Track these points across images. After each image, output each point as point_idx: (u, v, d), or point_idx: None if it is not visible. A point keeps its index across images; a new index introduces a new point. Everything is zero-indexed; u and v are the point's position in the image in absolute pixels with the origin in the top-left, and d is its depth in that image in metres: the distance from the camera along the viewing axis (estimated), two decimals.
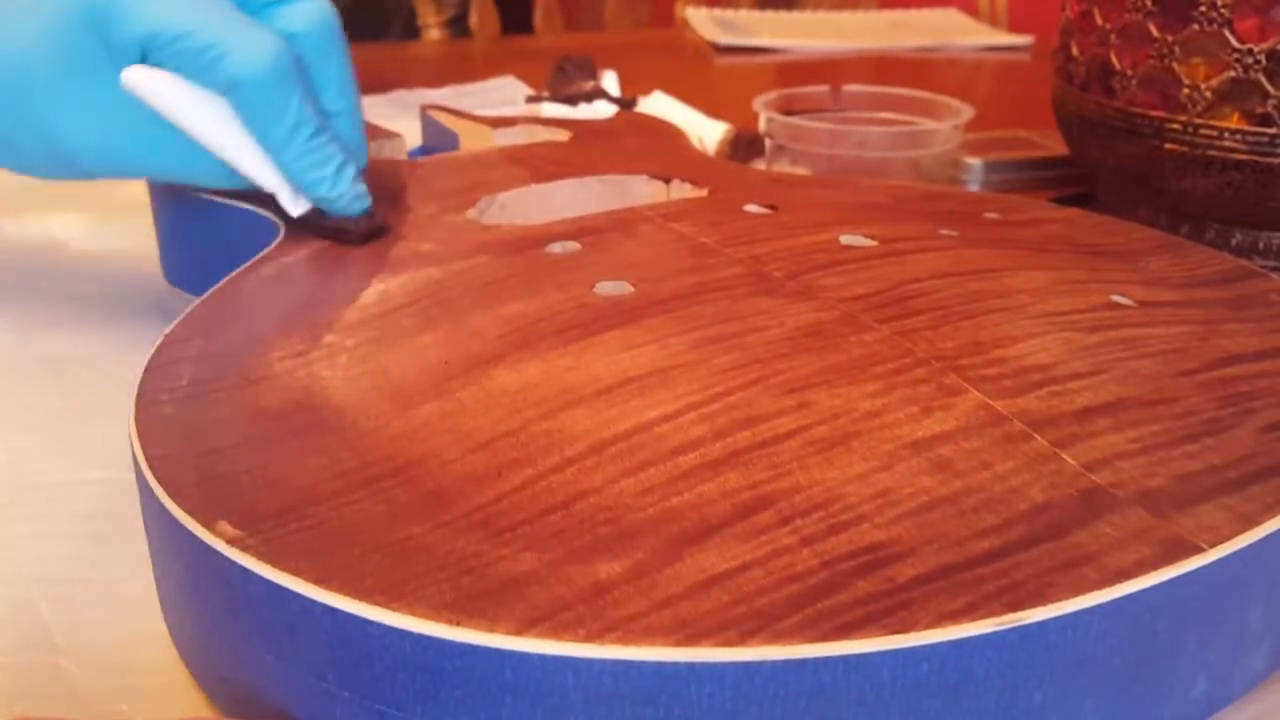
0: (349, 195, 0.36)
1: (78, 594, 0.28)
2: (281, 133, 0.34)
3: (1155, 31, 0.44)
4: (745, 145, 0.63)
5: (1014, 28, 1.18)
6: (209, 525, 0.21)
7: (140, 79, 0.33)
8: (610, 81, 0.80)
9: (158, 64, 0.33)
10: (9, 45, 0.34)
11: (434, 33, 1.28)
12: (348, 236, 0.37)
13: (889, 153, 0.54)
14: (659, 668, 0.18)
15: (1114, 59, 0.46)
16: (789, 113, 0.57)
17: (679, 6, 1.33)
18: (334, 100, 0.36)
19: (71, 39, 0.33)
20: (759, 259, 0.33)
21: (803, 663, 0.18)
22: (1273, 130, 0.42)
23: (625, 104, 0.74)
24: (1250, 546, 0.21)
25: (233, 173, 0.35)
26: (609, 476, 0.23)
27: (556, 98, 0.76)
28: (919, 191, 0.44)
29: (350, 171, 0.36)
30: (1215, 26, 0.42)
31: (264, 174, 0.35)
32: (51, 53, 0.33)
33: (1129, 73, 0.46)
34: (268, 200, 0.38)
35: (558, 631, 0.19)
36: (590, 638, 0.18)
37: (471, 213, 0.40)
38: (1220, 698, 0.22)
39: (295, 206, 0.36)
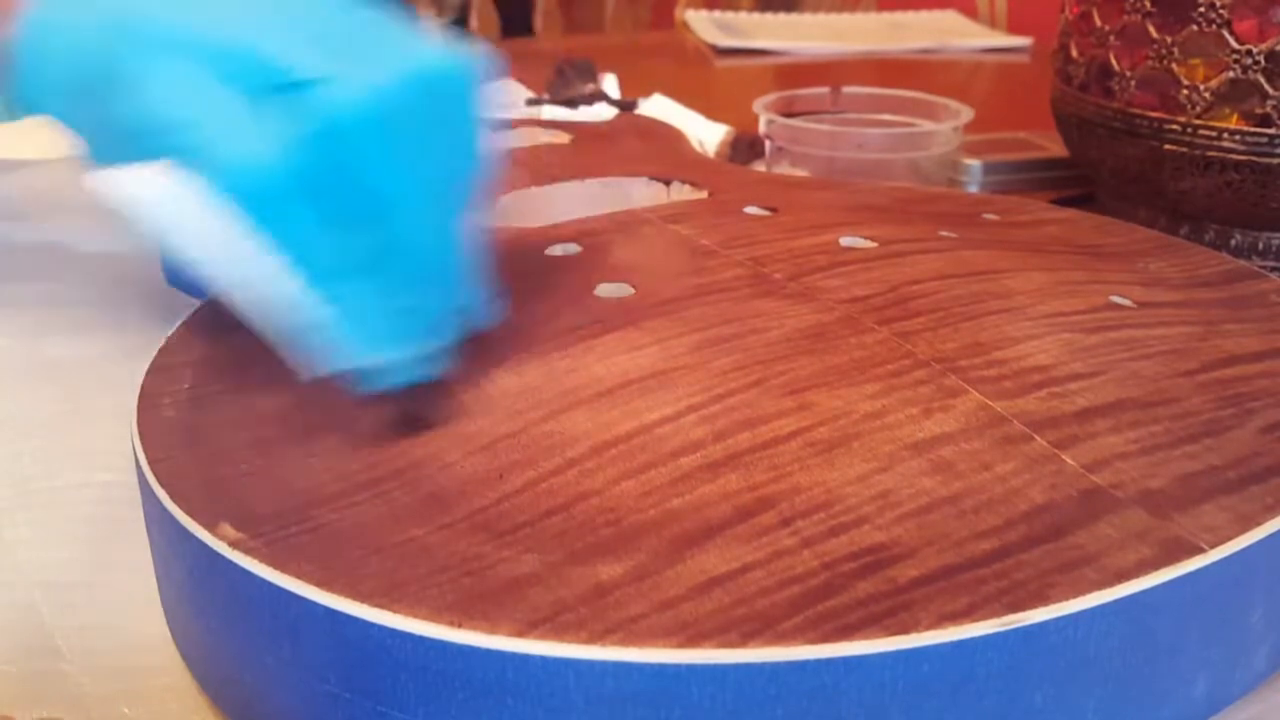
0: (376, 364, 0.25)
1: (80, 597, 0.28)
2: (310, 265, 0.24)
3: (1154, 32, 0.44)
4: (745, 147, 0.63)
5: (1013, 29, 1.18)
6: (211, 528, 0.21)
7: (119, 187, 0.24)
8: (610, 84, 0.80)
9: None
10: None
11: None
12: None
13: (888, 154, 0.54)
14: (660, 669, 0.18)
15: (1113, 60, 0.46)
16: (789, 115, 0.57)
17: (679, 9, 1.33)
18: (399, 218, 0.25)
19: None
20: (759, 261, 0.33)
21: (804, 664, 0.18)
22: (1271, 131, 0.42)
23: (625, 106, 0.74)
24: (1250, 547, 0.21)
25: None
26: (610, 478, 0.23)
27: (556, 100, 0.76)
28: (918, 193, 0.44)
29: (392, 334, 0.25)
30: (1214, 27, 0.42)
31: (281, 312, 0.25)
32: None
33: (1128, 74, 0.46)
34: None
35: (559, 633, 0.19)
36: (592, 639, 0.18)
37: None
38: (1221, 698, 0.22)
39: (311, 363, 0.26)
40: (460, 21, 1.31)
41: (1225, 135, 0.43)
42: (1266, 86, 0.42)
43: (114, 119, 0.25)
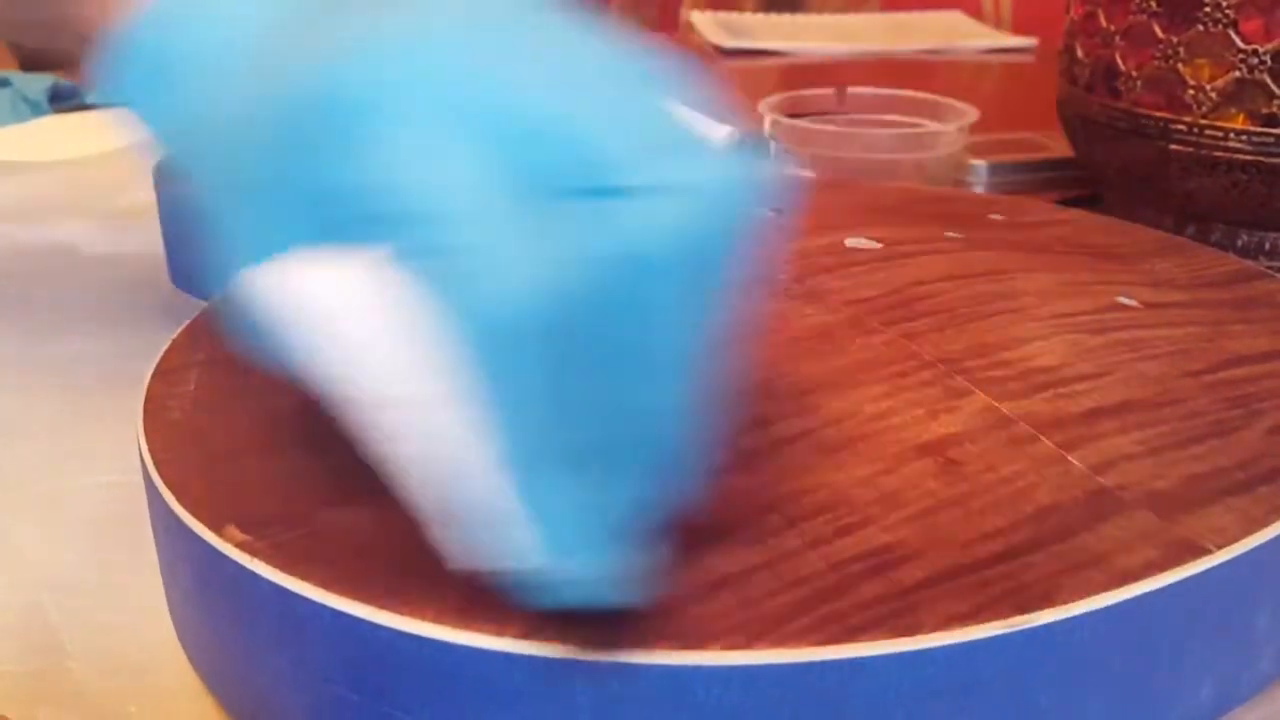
0: (591, 576, 0.18)
1: (86, 598, 0.28)
2: (520, 434, 0.17)
3: (1160, 32, 0.44)
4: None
5: (1018, 30, 1.18)
6: (217, 529, 0.21)
7: (286, 281, 0.17)
8: None
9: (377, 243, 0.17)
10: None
11: None
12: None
13: (894, 155, 0.54)
14: (666, 670, 0.18)
15: (1119, 60, 0.46)
16: (794, 115, 0.57)
17: (684, 10, 1.33)
18: (655, 388, 0.18)
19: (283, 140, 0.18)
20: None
21: (810, 666, 0.18)
22: (1278, 131, 0.42)
23: None
24: (1258, 548, 0.21)
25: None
26: None
27: None
28: (924, 194, 0.44)
29: (592, 539, 0.18)
30: (1220, 27, 0.42)
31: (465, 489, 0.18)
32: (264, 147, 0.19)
33: (1134, 74, 0.45)
34: None
35: (565, 635, 0.19)
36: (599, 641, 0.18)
37: None
38: (1228, 700, 0.22)
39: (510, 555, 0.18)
40: None
41: (1232, 135, 0.43)
42: (1273, 86, 0.42)
43: (297, 171, 0.18)
